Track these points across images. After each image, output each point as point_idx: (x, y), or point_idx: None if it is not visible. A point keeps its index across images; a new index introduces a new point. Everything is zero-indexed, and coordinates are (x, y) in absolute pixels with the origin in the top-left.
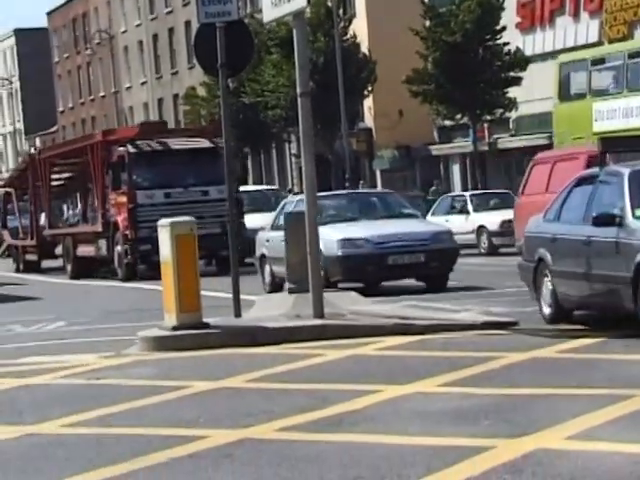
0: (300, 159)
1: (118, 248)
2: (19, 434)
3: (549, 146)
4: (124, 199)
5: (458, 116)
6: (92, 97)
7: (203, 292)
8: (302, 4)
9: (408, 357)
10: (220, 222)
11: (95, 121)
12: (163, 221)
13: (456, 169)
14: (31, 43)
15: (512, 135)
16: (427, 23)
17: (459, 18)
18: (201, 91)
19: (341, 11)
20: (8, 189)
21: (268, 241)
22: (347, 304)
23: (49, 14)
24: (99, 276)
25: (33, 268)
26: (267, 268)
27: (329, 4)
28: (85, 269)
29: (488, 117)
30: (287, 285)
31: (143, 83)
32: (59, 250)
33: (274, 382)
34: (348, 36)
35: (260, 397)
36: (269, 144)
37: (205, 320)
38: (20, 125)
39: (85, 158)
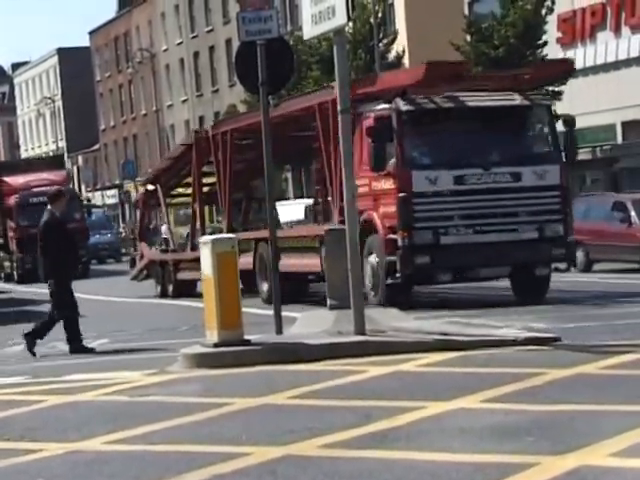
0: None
1: (373, 259)
2: (63, 451)
3: (590, 161)
4: (389, 184)
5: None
6: (134, 115)
7: (244, 309)
8: (342, 21)
9: (450, 373)
10: (539, 222)
11: (137, 139)
12: (205, 238)
13: None
14: (73, 62)
15: None
16: (469, 38)
17: (502, 33)
18: (242, 108)
19: (383, 28)
20: (150, 187)
21: None
22: (388, 320)
23: (91, 33)
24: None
25: (188, 291)
26: None
27: (371, 21)
28: (296, 293)
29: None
30: (328, 301)
31: (184, 101)
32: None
33: (316, 399)
34: (391, 53)
35: (302, 414)
36: (310, 161)
37: (246, 337)
38: (62, 143)
39: (307, 126)
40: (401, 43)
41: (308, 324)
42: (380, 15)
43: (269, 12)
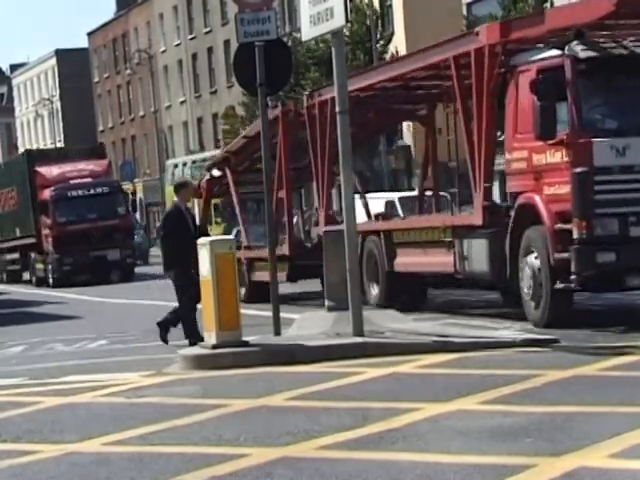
0: (339, 176)
1: (533, 259)
2: (61, 453)
3: None
4: (560, 157)
5: (498, 133)
6: (132, 116)
7: (243, 310)
8: (341, 22)
9: (448, 375)
10: None
11: (135, 140)
12: (203, 240)
13: (495, 186)
14: (72, 63)
15: None
16: None
17: None
18: (240, 110)
19: (380, 29)
20: (216, 172)
21: None
22: (386, 322)
23: (89, 34)
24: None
25: (264, 295)
26: None
27: (368, 22)
28: (414, 298)
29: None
30: (327, 303)
31: (182, 102)
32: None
33: (314, 400)
34: (388, 54)
35: (300, 415)
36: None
37: (245, 338)
38: (61, 144)
39: (442, 81)
40: (399, 44)
41: (306, 325)
42: (378, 17)
43: (267, 13)
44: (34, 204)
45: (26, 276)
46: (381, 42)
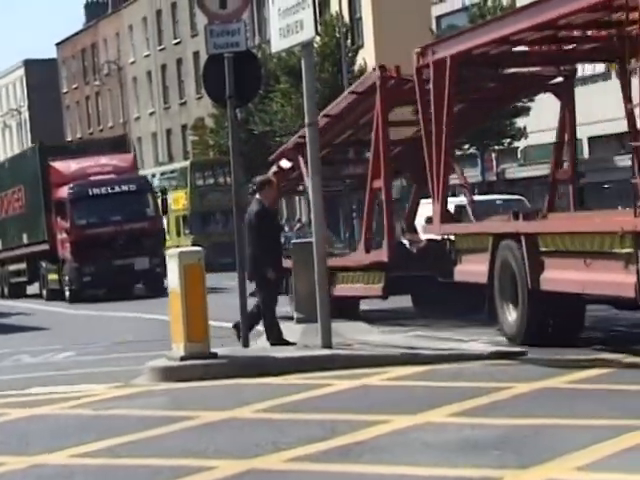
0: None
1: None
2: (26, 465)
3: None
4: None
5: (466, 146)
6: (101, 127)
7: (211, 322)
8: (310, 35)
9: (416, 387)
10: None
11: None
12: (171, 251)
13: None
14: (40, 74)
15: (520, 165)
16: None
17: None
18: (209, 122)
19: (349, 41)
20: (285, 164)
21: None
22: (355, 334)
23: (58, 45)
24: None
25: (347, 311)
26: None
27: (337, 35)
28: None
29: (496, 147)
30: (295, 315)
31: (151, 113)
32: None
33: (282, 413)
34: (356, 66)
35: (268, 428)
36: None
37: (213, 350)
38: None
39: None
40: (368, 56)
41: None
42: (347, 29)
43: (237, 25)
44: (47, 205)
45: (33, 289)
46: (350, 54)
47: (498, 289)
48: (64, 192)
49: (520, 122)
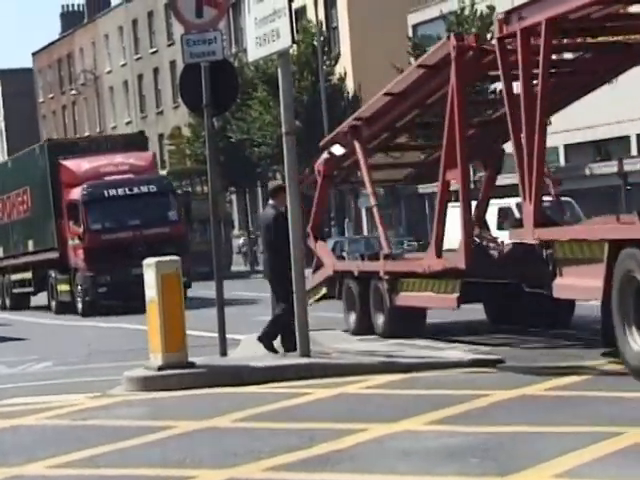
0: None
1: None
2: (4, 476)
3: None
4: None
5: None
6: (77, 137)
7: (189, 331)
8: (287, 43)
9: (394, 395)
10: None
11: None
12: (148, 260)
13: None
14: (16, 83)
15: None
16: (413, 61)
17: None
18: (186, 131)
19: (327, 50)
20: (338, 150)
21: None
22: (333, 342)
23: (34, 54)
24: None
25: (410, 326)
26: None
27: (315, 43)
28: None
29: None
30: None
31: (128, 123)
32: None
33: (261, 421)
34: (335, 75)
35: (247, 437)
36: (254, 182)
37: (191, 359)
38: None
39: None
40: (345, 65)
41: (252, 346)
42: (325, 37)
43: (213, 34)
44: (57, 208)
45: (39, 301)
46: (327, 63)
47: (618, 310)
48: (77, 193)
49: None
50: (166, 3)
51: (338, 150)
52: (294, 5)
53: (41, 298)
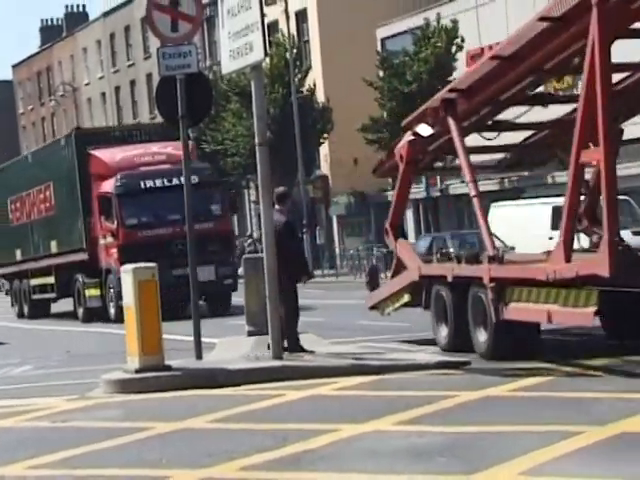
0: (259, 206)
1: None
2: None
3: (498, 192)
4: None
5: None
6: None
7: (165, 335)
8: (260, 56)
9: (364, 397)
10: None
11: None
12: (126, 267)
13: (409, 215)
14: None
15: (462, 181)
16: (381, 73)
17: (414, 69)
18: None
19: (298, 63)
20: (425, 130)
21: None
22: (305, 345)
23: (14, 67)
24: None
25: (522, 347)
26: None
27: (287, 56)
28: None
29: (440, 164)
30: (246, 328)
31: None
32: None
33: (235, 422)
34: (305, 87)
35: (221, 437)
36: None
37: (167, 362)
38: None
39: None
40: (316, 78)
41: (227, 349)
42: (296, 51)
43: (188, 47)
44: (86, 203)
45: (62, 307)
46: (299, 75)
47: None
48: (109, 185)
49: None
50: (142, 18)
51: (425, 130)
52: (266, 19)
53: (63, 305)
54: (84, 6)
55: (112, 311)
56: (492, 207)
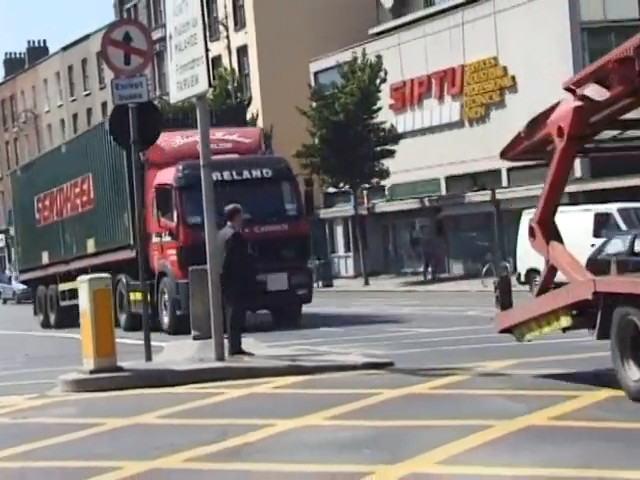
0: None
1: None
2: None
3: (420, 210)
4: None
5: (341, 184)
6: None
7: (118, 339)
8: (204, 87)
9: (298, 394)
10: None
11: None
12: (82, 277)
13: (339, 230)
14: None
15: (387, 200)
16: (314, 104)
17: (341, 100)
18: None
19: (240, 93)
20: (589, 95)
21: None
22: (245, 348)
23: None
24: None
25: None
26: None
27: (229, 87)
28: None
29: (366, 185)
30: (192, 333)
31: None
32: None
33: (180, 418)
34: (248, 115)
35: (168, 432)
36: None
37: (120, 364)
38: None
39: None
40: (256, 107)
41: (174, 352)
42: (238, 83)
43: (140, 79)
44: (134, 196)
45: None
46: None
47: None
48: (169, 176)
49: (386, 163)
50: (98, 52)
51: (598, 92)
52: (210, 54)
53: None
54: (44, 41)
55: (166, 320)
56: (524, 214)
